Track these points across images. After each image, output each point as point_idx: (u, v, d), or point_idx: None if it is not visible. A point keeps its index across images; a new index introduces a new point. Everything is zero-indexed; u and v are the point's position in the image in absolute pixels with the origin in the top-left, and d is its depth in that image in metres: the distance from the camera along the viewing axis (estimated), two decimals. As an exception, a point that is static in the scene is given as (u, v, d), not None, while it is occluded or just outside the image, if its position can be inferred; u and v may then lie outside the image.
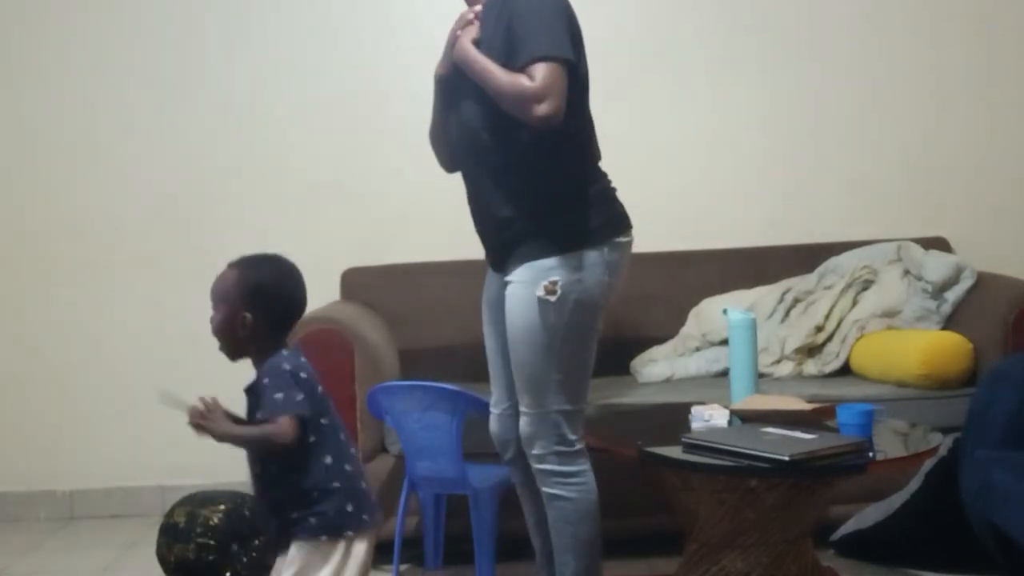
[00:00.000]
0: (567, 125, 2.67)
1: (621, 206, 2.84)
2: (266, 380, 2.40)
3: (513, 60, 2.64)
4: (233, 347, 2.47)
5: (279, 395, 2.36)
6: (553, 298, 2.67)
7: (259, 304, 2.44)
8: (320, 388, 2.45)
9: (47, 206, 4.34)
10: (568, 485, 2.76)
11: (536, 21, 2.64)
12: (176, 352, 4.20)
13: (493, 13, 2.73)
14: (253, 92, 4.32)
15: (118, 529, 4.16)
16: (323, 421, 2.43)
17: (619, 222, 2.80)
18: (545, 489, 2.78)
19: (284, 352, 2.45)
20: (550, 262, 2.69)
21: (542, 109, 2.59)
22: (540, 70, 2.60)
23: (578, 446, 2.78)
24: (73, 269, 4.34)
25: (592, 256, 2.71)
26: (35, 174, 4.35)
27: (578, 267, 2.69)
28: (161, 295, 4.31)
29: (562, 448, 2.75)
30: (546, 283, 2.68)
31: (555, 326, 2.69)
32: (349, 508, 2.41)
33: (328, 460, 2.41)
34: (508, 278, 2.77)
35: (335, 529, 2.40)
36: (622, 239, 2.79)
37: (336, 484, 2.41)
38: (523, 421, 2.78)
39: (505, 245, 2.78)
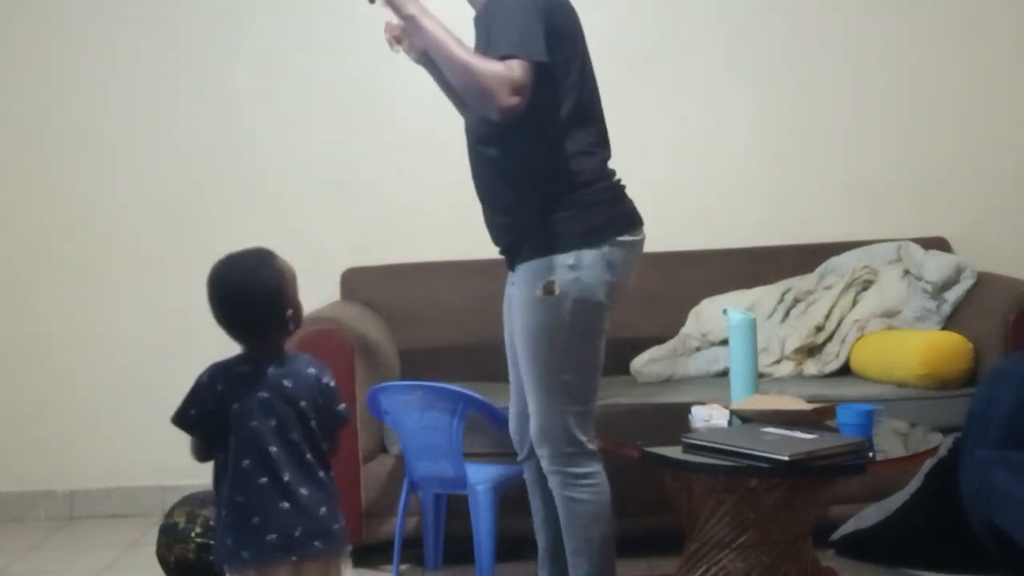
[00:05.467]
0: (560, 126, 2.66)
1: (629, 205, 2.79)
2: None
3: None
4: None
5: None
6: (552, 297, 2.66)
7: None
8: (237, 406, 2.30)
9: (47, 205, 4.34)
10: (580, 487, 2.74)
11: (505, 20, 2.58)
12: (176, 352, 4.18)
13: (482, 25, 2.73)
14: (253, 92, 4.32)
15: (118, 529, 4.15)
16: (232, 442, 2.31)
17: (624, 221, 2.75)
18: (558, 492, 2.77)
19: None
20: (546, 262, 2.67)
21: (514, 100, 2.52)
22: (515, 65, 2.53)
23: (589, 447, 2.75)
24: (73, 269, 4.34)
25: (591, 255, 2.67)
26: (35, 173, 4.34)
27: (576, 266, 2.66)
28: (161, 295, 4.30)
29: (571, 449, 2.73)
30: (544, 283, 2.66)
31: (557, 326, 2.67)
32: (228, 542, 2.30)
33: (225, 488, 2.31)
34: (514, 279, 2.78)
35: (219, 560, 2.33)
36: (628, 238, 2.74)
37: (224, 512, 2.31)
38: (532, 423, 2.77)
39: (510, 247, 2.79)
